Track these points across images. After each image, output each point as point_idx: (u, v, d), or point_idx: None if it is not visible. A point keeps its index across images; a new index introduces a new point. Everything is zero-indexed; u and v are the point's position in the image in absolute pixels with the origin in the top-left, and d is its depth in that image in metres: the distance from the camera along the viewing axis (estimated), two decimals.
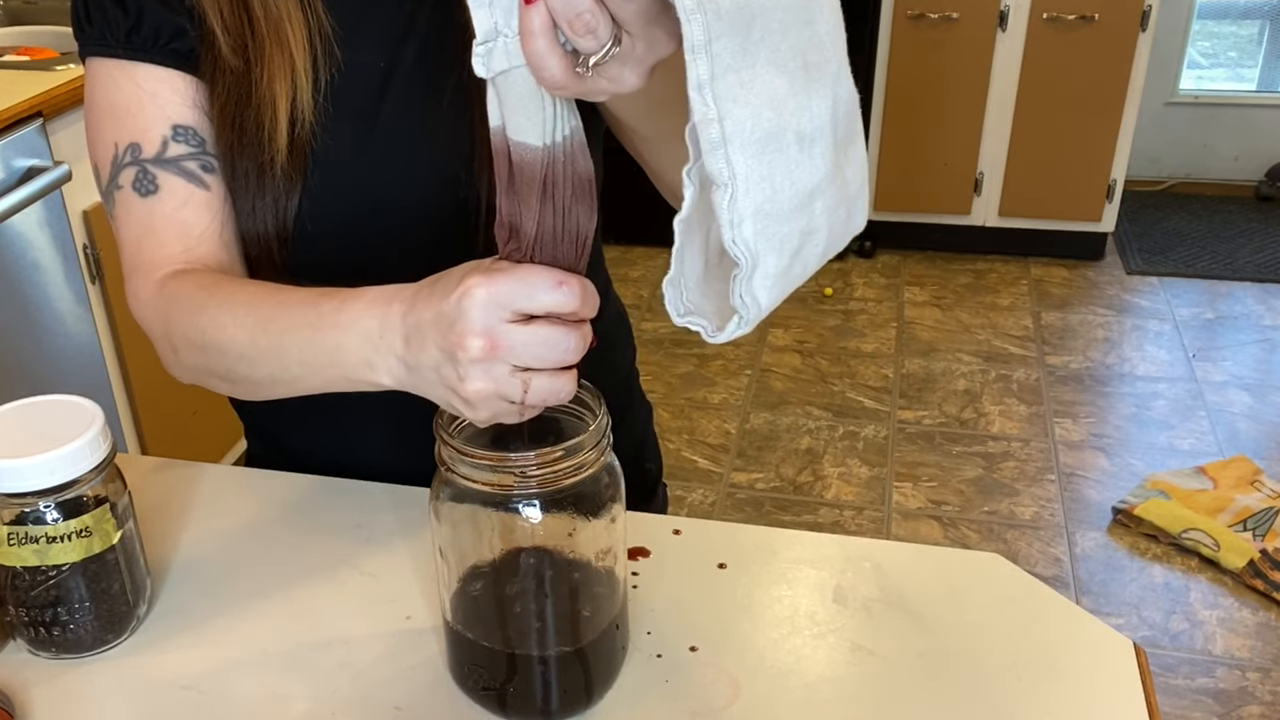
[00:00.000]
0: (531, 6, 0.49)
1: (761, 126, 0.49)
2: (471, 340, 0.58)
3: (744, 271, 0.51)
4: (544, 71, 0.51)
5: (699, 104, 0.48)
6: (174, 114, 0.80)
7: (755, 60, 0.48)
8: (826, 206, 0.53)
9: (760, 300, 0.52)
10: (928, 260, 3.66)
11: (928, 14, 3.33)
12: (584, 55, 0.50)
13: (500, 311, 0.58)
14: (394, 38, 0.83)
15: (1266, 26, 4.15)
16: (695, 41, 0.46)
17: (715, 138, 0.48)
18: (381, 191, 0.84)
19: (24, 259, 1.91)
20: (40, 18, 2.52)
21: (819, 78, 0.50)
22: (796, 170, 0.51)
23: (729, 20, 0.46)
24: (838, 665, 0.73)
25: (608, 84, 0.52)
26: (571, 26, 0.49)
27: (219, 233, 0.81)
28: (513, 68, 0.53)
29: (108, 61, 0.81)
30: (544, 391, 0.60)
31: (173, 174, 0.80)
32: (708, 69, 0.47)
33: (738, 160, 0.49)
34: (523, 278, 0.58)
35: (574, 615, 0.68)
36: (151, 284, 0.79)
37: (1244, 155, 4.05)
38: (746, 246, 0.50)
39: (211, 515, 0.88)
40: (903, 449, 2.73)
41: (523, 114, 0.55)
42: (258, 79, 0.79)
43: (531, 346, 0.58)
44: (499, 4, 0.51)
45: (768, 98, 0.49)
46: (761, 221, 0.50)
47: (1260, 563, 2.28)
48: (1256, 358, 3.09)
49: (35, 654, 0.74)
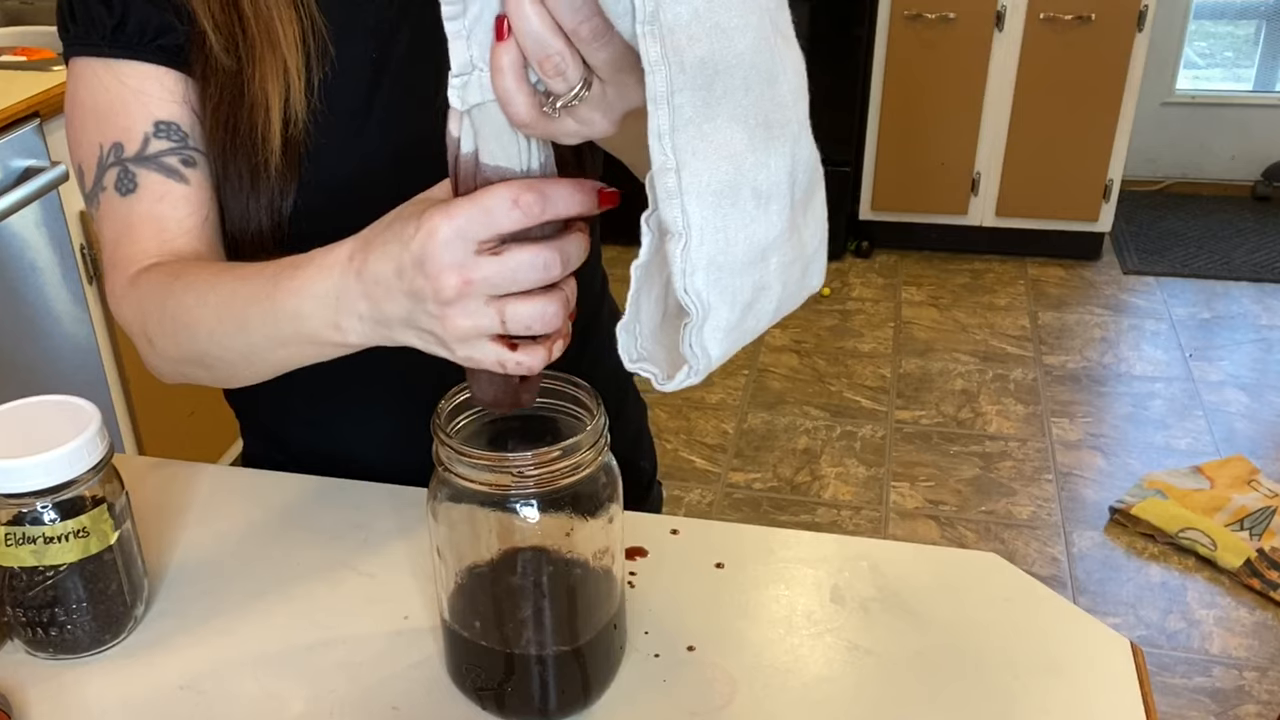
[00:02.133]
0: (502, 44, 0.50)
1: (718, 179, 0.49)
2: (445, 279, 0.57)
3: (695, 321, 0.51)
4: (509, 107, 0.52)
5: (658, 153, 0.48)
6: (157, 110, 0.80)
7: (716, 114, 0.48)
8: (781, 263, 0.54)
9: (710, 351, 0.52)
10: (925, 260, 3.66)
11: (924, 14, 3.33)
12: (553, 96, 0.51)
13: (467, 245, 0.56)
14: (384, 33, 0.83)
15: (1263, 26, 4.15)
16: (658, 92, 0.47)
17: (672, 187, 0.49)
18: (375, 188, 0.83)
19: (21, 259, 1.90)
20: (37, 18, 2.52)
21: (779, 136, 0.51)
22: (751, 225, 0.51)
23: (692, 74, 0.47)
24: (835, 665, 0.73)
25: (576, 126, 0.52)
26: (541, 67, 0.49)
27: (197, 226, 0.80)
28: (487, 100, 0.53)
29: (93, 61, 0.80)
30: (525, 316, 0.58)
31: (151, 170, 0.79)
32: (668, 120, 0.48)
33: (693, 210, 0.49)
34: (480, 203, 0.56)
35: (571, 615, 0.68)
36: (125, 280, 0.79)
37: (1241, 155, 4.06)
38: (698, 296, 0.51)
39: (209, 515, 0.88)
40: (900, 449, 2.73)
41: (497, 143, 0.56)
42: (249, 79, 0.79)
43: (505, 273, 0.57)
44: (475, 38, 0.51)
45: (727, 152, 0.49)
46: (714, 273, 0.51)
47: (1257, 562, 2.28)
48: (1253, 357, 3.10)
49: (33, 654, 0.74)
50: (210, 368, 0.76)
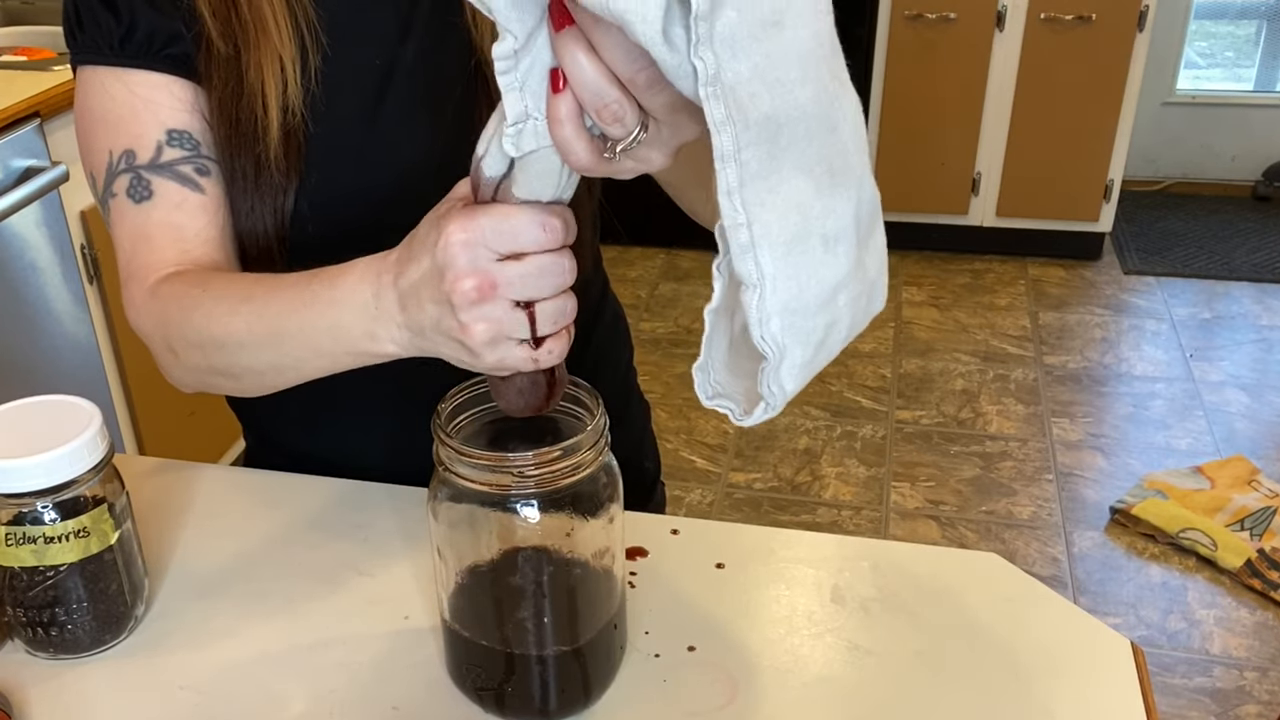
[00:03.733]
0: (559, 95, 0.50)
1: (788, 230, 0.50)
2: (464, 283, 0.58)
3: (771, 364, 0.53)
4: (570, 156, 0.52)
5: (728, 209, 0.49)
6: (168, 119, 0.80)
7: (782, 167, 0.49)
8: (849, 298, 0.55)
9: (786, 388, 0.54)
10: (925, 260, 3.66)
11: (925, 14, 3.33)
12: (611, 140, 0.51)
13: (485, 251, 0.58)
14: (390, 39, 0.83)
15: (1264, 26, 4.15)
16: (725, 151, 0.47)
17: (744, 241, 0.50)
18: (381, 192, 0.84)
19: (21, 259, 1.91)
20: (38, 18, 2.52)
21: (843, 181, 0.52)
22: (822, 269, 0.52)
23: (757, 130, 0.47)
24: (835, 665, 0.73)
25: (635, 165, 0.53)
26: (599, 115, 0.50)
27: (214, 235, 0.81)
28: (541, 148, 0.54)
29: (100, 69, 0.80)
30: (552, 314, 0.60)
31: (166, 178, 0.80)
32: (737, 176, 0.48)
33: (765, 262, 0.50)
34: (503, 219, 0.57)
35: (572, 615, 0.68)
36: (144, 290, 0.79)
37: (1241, 155, 4.06)
38: (774, 341, 0.52)
39: (209, 516, 0.88)
40: (900, 449, 2.73)
41: (539, 181, 0.57)
42: (246, 67, 0.79)
43: (528, 279, 0.58)
44: (529, 89, 0.52)
45: (794, 202, 0.50)
46: (788, 318, 0.52)
47: (1257, 562, 2.28)
48: (1254, 357, 3.09)
49: (33, 654, 0.74)
50: (237, 378, 0.77)
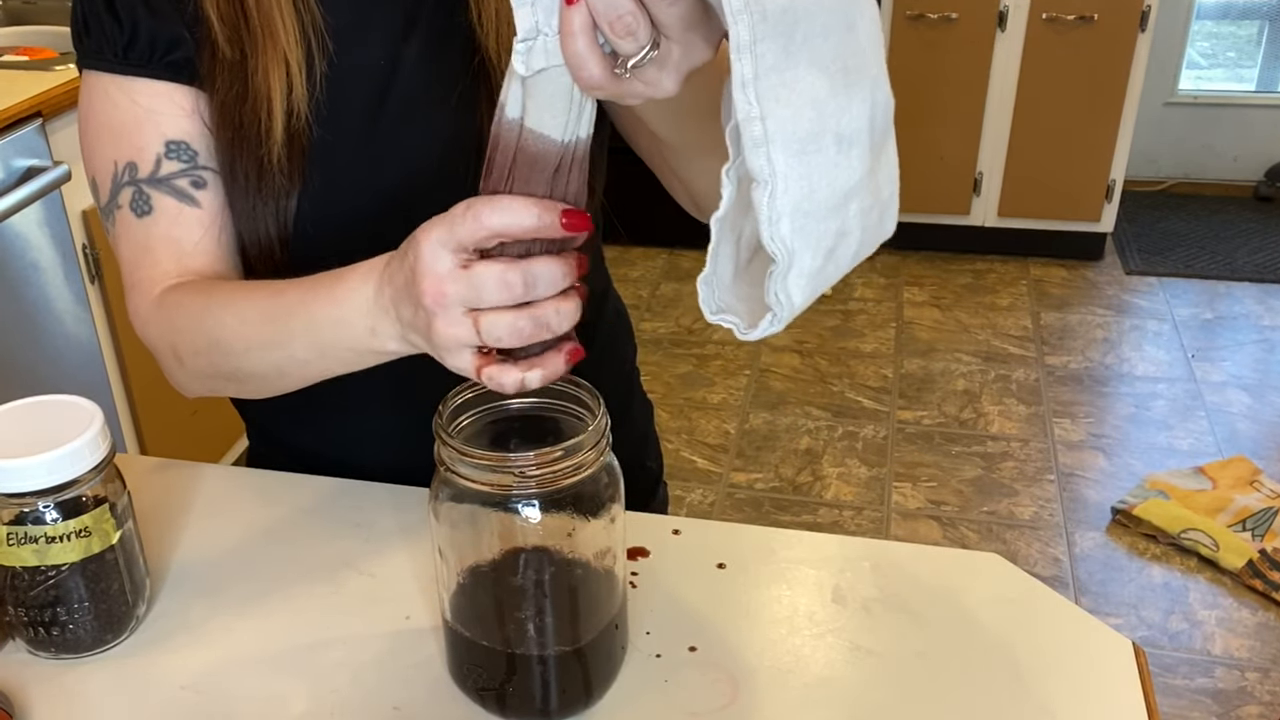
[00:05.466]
0: (573, 7, 0.50)
1: (802, 126, 0.50)
2: (425, 284, 0.59)
3: (780, 268, 0.52)
4: (582, 71, 0.52)
5: (742, 102, 0.49)
6: (169, 129, 0.81)
7: (798, 62, 0.49)
8: (861, 208, 0.54)
9: (794, 298, 0.53)
10: (927, 260, 3.66)
11: (927, 14, 3.33)
12: (622, 57, 0.51)
13: (444, 253, 0.57)
14: (394, 39, 0.83)
15: (1266, 27, 4.15)
16: (741, 41, 0.47)
17: (758, 135, 0.49)
18: (383, 192, 0.84)
19: (23, 259, 1.91)
20: (39, 18, 2.52)
21: (858, 81, 0.51)
22: (834, 171, 0.52)
23: (773, 22, 0.47)
24: (836, 665, 0.73)
25: (643, 87, 0.53)
26: (612, 28, 0.49)
27: (211, 247, 0.82)
28: (550, 66, 0.53)
29: (104, 77, 0.82)
30: (496, 328, 0.58)
31: (165, 194, 0.81)
32: (752, 68, 0.48)
33: (778, 158, 0.50)
34: (463, 210, 0.57)
35: (573, 615, 0.68)
36: (150, 301, 0.81)
37: (1243, 155, 4.05)
38: (783, 243, 0.51)
39: (210, 515, 0.88)
40: (902, 449, 2.73)
41: (549, 111, 0.56)
42: (252, 71, 0.79)
43: (472, 288, 0.58)
44: (541, 3, 0.52)
45: (809, 98, 0.50)
46: (799, 219, 0.51)
47: (1259, 563, 2.28)
48: (1255, 358, 3.09)
49: (34, 654, 0.74)
50: (242, 382, 0.79)
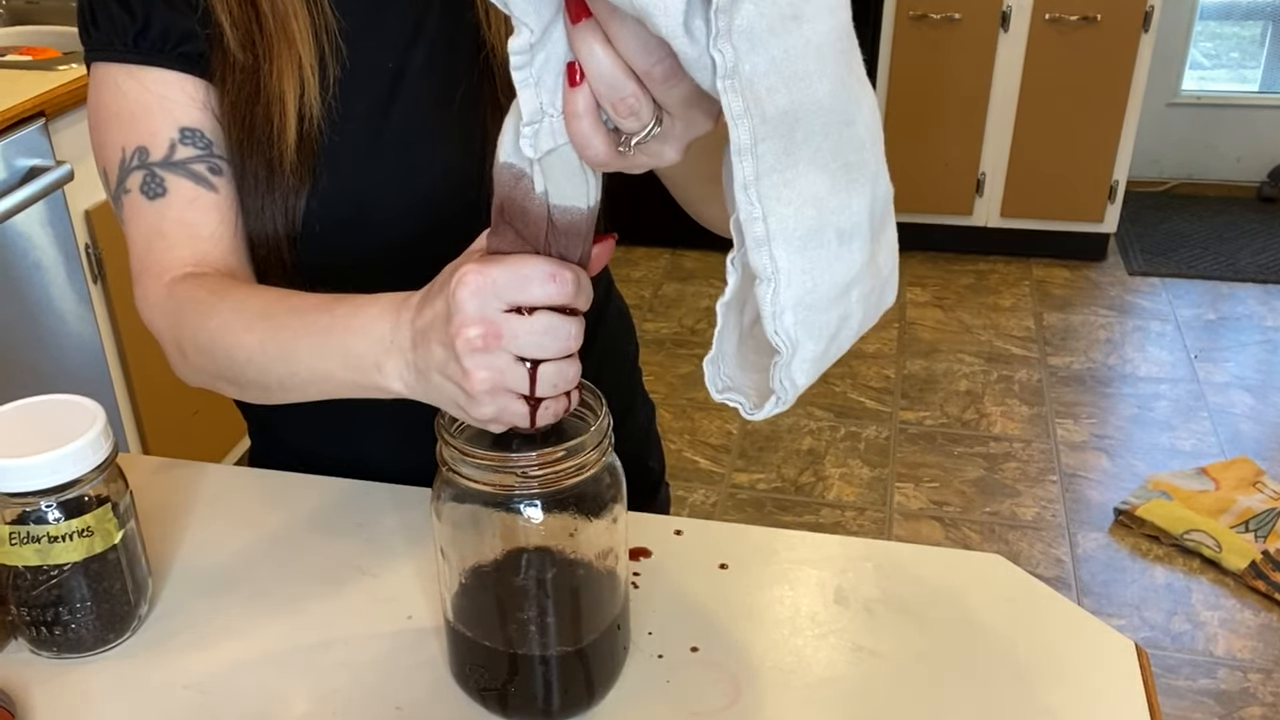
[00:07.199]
0: (576, 89, 0.50)
1: (804, 224, 0.50)
2: (470, 330, 0.58)
3: (784, 359, 0.53)
4: (588, 150, 0.52)
5: (744, 203, 0.49)
6: (182, 116, 0.80)
7: (798, 161, 0.49)
8: (862, 294, 0.55)
9: (798, 382, 0.54)
10: (929, 261, 3.66)
11: (930, 14, 3.33)
12: (626, 134, 0.52)
13: (495, 301, 0.58)
14: (403, 40, 0.83)
15: (1269, 27, 4.15)
16: (742, 144, 0.48)
17: (760, 235, 0.50)
18: (390, 193, 0.84)
19: (26, 259, 1.91)
20: (42, 18, 2.52)
21: (858, 176, 0.52)
22: (836, 264, 0.52)
23: (774, 124, 0.47)
24: (839, 666, 0.73)
25: (647, 160, 0.53)
26: (615, 109, 0.50)
27: (228, 236, 0.81)
28: (559, 146, 0.54)
29: (113, 66, 0.81)
30: (553, 377, 0.60)
31: (180, 176, 0.80)
32: (753, 170, 0.48)
33: (780, 256, 0.50)
34: (515, 268, 0.58)
35: (575, 615, 0.68)
36: (160, 287, 0.80)
37: (1246, 156, 4.05)
38: (787, 335, 0.52)
39: (213, 515, 0.88)
40: (904, 449, 2.73)
41: (569, 184, 0.57)
42: (266, 75, 0.79)
43: (533, 336, 0.58)
44: (544, 86, 0.52)
45: (810, 196, 0.50)
46: (802, 313, 0.52)
47: (1262, 564, 2.28)
48: (1258, 359, 3.09)
49: (37, 654, 0.74)
50: (241, 387, 0.77)
